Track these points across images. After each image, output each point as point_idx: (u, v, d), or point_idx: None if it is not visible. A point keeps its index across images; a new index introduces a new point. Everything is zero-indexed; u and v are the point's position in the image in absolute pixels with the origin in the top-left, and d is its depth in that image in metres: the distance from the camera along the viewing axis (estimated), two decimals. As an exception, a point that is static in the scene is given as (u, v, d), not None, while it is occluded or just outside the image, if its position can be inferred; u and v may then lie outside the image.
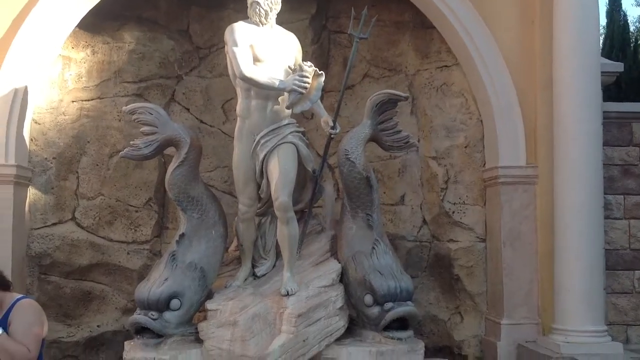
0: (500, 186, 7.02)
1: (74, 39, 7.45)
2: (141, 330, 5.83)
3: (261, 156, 6.11)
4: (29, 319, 4.15)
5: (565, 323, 6.38)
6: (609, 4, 11.76)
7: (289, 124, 6.22)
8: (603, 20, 11.45)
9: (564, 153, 6.52)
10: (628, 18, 12.01)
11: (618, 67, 7.56)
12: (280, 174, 5.97)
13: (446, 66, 7.62)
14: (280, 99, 6.07)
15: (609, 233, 7.21)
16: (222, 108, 7.83)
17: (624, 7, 11.33)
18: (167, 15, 7.81)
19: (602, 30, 10.97)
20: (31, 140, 7.24)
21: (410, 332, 6.03)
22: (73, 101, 7.49)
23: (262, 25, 6.26)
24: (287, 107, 6.04)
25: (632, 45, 10.68)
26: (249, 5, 6.24)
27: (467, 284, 7.41)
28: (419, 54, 7.81)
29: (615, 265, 7.26)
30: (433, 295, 7.67)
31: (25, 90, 6.87)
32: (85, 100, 7.53)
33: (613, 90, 9.71)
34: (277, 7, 6.31)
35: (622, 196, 7.32)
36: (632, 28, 11.32)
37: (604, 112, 7.13)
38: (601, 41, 10.68)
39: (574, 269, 6.36)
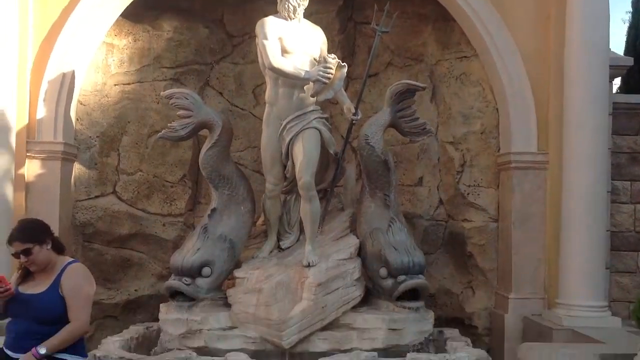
0: (513, 171, 7.25)
1: (117, 27, 7.73)
2: (175, 294, 6.29)
3: (287, 140, 6.47)
4: (80, 281, 4.25)
5: (568, 298, 6.68)
6: (634, -7, 11.76)
7: (313, 110, 6.54)
8: (628, 9, 11.49)
9: (572, 141, 6.80)
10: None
11: (628, 61, 7.76)
12: (304, 156, 6.34)
13: (465, 57, 7.81)
14: (305, 87, 6.37)
15: (616, 216, 7.50)
16: (252, 93, 8.11)
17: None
18: (202, 6, 8.05)
19: (626, 19, 11.04)
20: (77, 120, 7.56)
21: (421, 303, 6.39)
22: (115, 85, 7.81)
23: (291, 19, 6.57)
24: (312, 96, 6.33)
25: (657, 34, 10.66)
26: (279, 1, 6.56)
27: (479, 260, 7.68)
28: (440, 45, 8.00)
29: (620, 247, 7.53)
30: (447, 271, 7.95)
31: (73, 75, 7.24)
32: (127, 84, 7.85)
33: (637, 78, 9.82)
34: (305, 3, 6.63)
35: (629, 182, 7.58)
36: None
37: (614, 103, 7.44)
38: (625, 30, 10.83)
39: (578, 249, 6.66)
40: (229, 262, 6.49)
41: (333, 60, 6.23)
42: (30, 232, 4.26)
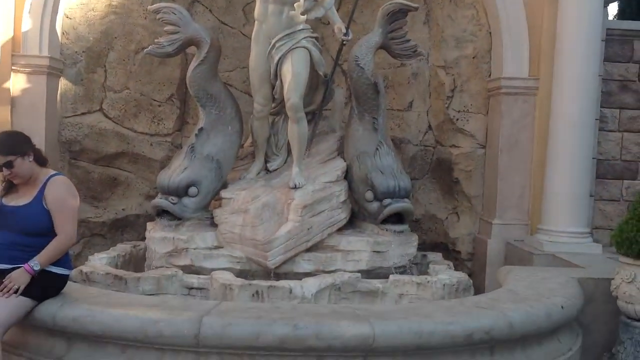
0: (502, 96, 7.20)
1: None
2: (162, 213, 6.34)
3: (276, 59, 6.37)
4: (63, 193, 4.32)
5: (550, 224, 6.76)
6: None
7: (303, 29, 6.41)
8: None
9: (563, 67, 6.74)
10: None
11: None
12: (292, 76, 6.27)
13: None
14: (295, 4, 6.17)
15: (603, 144, 7.47)
16: (242, 10, 7.93)
17: None
18: None
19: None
20: (63, 33, 7.34)
21: (405, 226, 6.47)
22: None
23: None
24: (302, 14, 6.17)
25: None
26: None
27: (465, 186, 7.70)
28: (436, -36, 7.79)
29: (605, 174, 7.53)
30: (434, 196, 8.00)
31: None
32: None
33: (634, 6, 9.70)
34: None
35: (617, 110, 7.50)
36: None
37: (607, 29, 7.31)
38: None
39: (563, 176, 6.70)
40: (215, 182, 6.50)
41: None
42: (10, 144, 4.29)
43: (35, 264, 4.17)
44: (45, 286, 4.26)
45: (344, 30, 6.46)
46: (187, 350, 4.03)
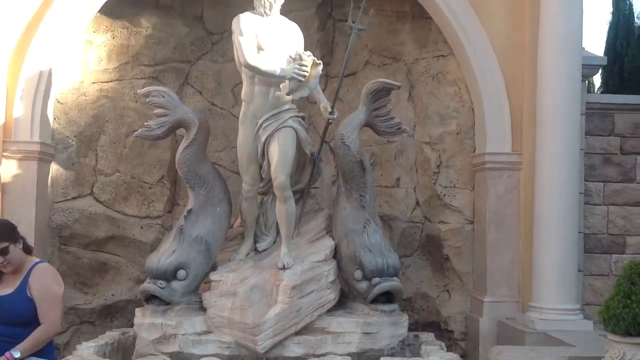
0: (487, 171, 7.26)
1: (95, 23, 7.64)
2: (150, 298, 6.27)
3: (263, 139, 6.45)
4: (48, 281, 4.35)
5: (541, 301, 6.72)
6: (615, -7, 11.76)
7: (289, 109, 6.52)
8: (609, 9, 11.49)
9: (544, 141, 6.82)
10: (634, 7, 11.97)
11: (602, 60, 7.77)
12: (279, 155, 6.34)
13: (442, 55, 7.79)
14: (281, 85, 6.28)
15: (589, 218, 7.52)
16: (232, 92, 8.05)
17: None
18: (182, 3, 8.02)
19: (608, 18, 11.03)
20: (54, 119, 7.46)
21: (395, 306, 6.42)
22: (93, 82, 7.71)
23: (267, 16, 6.55)
24: (287, 94, 6.27)
25: (636, 34, 10.68)
26: None
27: (456, 263, 7.67)
28: (418, 44, 7.99)
29: (593, 249, 7.55)
30: (424, 274, 7.94)
31: (50, 72, 7.13)
32: (105, 82, 7.76)
33: (616, 79, 9.86)
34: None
35: (602, 183, 7.58)
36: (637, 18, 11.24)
37: (587, 103, 7.47)
38: (606, 29, 10.84)
39: (550, 252, 6.70)
40: (204, 264, 6.48)
41: (308, 57, 6.21)
42: (4, 230, 4.36)
43: (16, 351, 4.15)
44: (26, 378, 4.20)
45: (329, 109, 6.55)
46: None
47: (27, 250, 4.48)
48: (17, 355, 4.16)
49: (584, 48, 7.27)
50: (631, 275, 4.87)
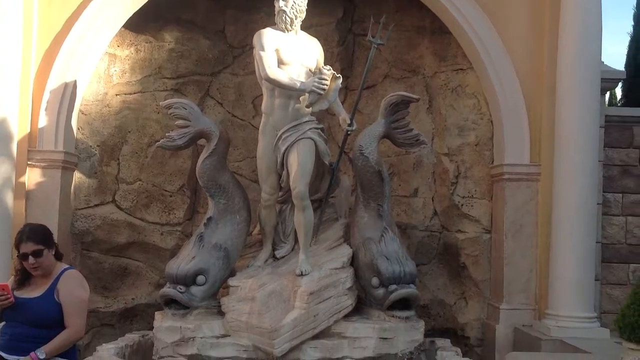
0: (505, 182, 7.33)
1: (119, 38, 7.84)
2: (170, 302, 6.37)
3: (282, 149, 6.56)
4: (76, 287, 4.45)
5: (557, 309, 6.76)
6: (636, 8, 11.78)
7: (308, 121, 6.63)
8: (630, 23, 11.47)
9: (563, 153, 6.91)
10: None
11: (621, 74, 7.82)
12: (299, 166, 6.43)
13: (461, 69, 7.91)
14: (300, 98, 6.43)
15: (607, 228, 7.56)
16: (252, 103, 8.19)
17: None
18: (204, 17, 8.18)
19: (629, 32, 11.03)
20: (78, 129, 7.65)
21: (412, 312, 6.45)
22: (117, 94, 7.90)
23: (288, 31, 6.67)
24: (307, 107, 6.39)
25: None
26: (276, 13, 6.65)
27: (473, 271, 7.73)
28: (437, 57, 8.09)
29: (611, 258, 7.59)
30: (441, 281, 8.00)
31: (75, 84, 7.33)
32: (128, 94, 7.95)
33: (636, 92, 9.84)
34: (302, 15, 6.72)
35: (620, 194, 7.63)
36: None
37: (606, 115, 7.53)
38: (627, 43, 10.85)
39: (568, 261, 6.75)
40: (223, 270, 6.56)
41: (328, 71, 6.31)
42: (42, 234, 4.50)
43: (41, 352, 4.25)
44: (49, 378, 4.29)
45: (348, 121, 6.64)
46: None
47: (58, 256, 4.59)
48: (43, 356, 4.25)
49: (603, 62, 7.37)
50: (646, 284, 4.92)
